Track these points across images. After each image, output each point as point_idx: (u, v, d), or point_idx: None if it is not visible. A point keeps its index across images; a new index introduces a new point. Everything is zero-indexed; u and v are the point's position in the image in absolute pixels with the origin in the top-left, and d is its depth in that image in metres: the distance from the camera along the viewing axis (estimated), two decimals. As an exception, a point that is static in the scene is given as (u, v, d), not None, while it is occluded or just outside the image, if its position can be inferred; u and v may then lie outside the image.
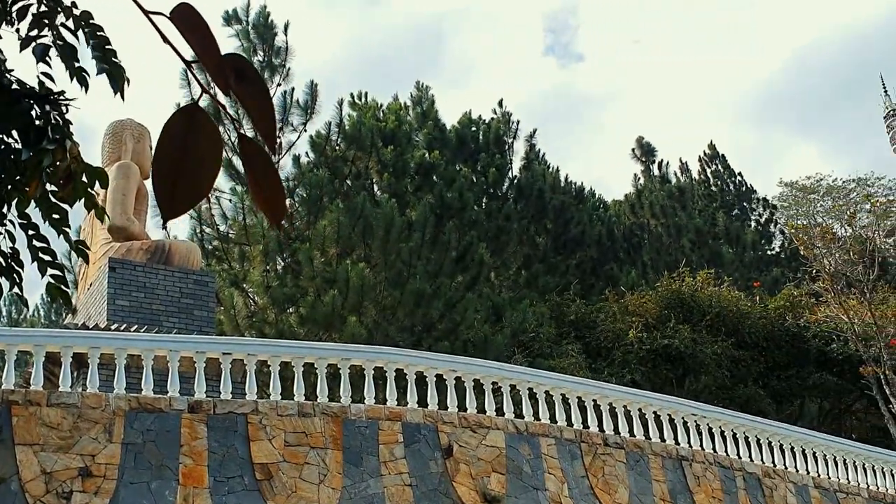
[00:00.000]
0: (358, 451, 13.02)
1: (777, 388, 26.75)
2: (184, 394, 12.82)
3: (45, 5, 3.48)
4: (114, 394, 12.26)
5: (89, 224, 18.59)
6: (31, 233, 3.74)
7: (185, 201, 1.75)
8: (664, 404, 16.14)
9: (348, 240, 23.93)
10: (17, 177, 3.47)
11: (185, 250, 18.06)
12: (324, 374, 13.85)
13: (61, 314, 32.38)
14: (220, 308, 22.78)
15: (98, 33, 3.49)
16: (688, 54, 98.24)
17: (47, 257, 3.78)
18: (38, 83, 3.49)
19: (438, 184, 27.98)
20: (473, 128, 32.28)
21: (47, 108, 3.46)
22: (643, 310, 25.96)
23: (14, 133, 3.43)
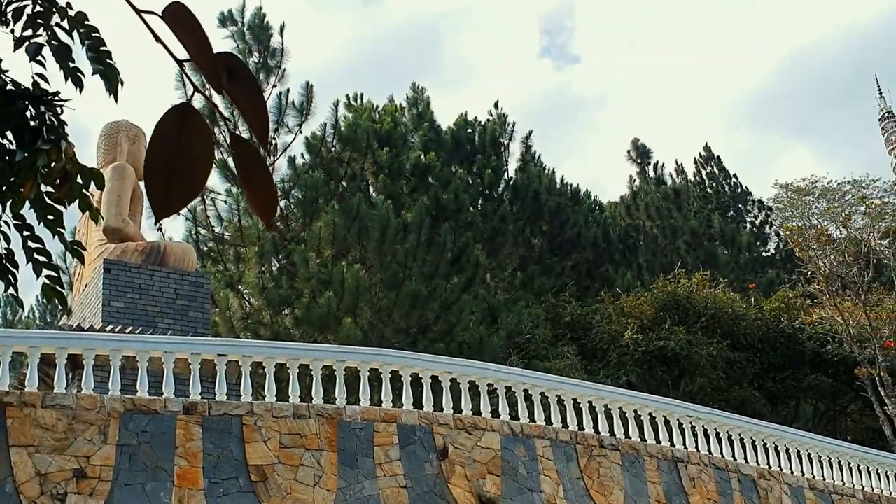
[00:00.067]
0: (353, 453, 13.01)
1: (772, 389, 26.79)
2: (179, 395, 12.80)
3: (41, 6, 3.47)
4: (109, 395, 12.24)
5: (84, 225, 18.55)
6: (26, 234, 3.73)
7: (178, 201, 1.75)
8: (659, 406, 16.15)
9: (344, 241, 23.91)
10: (11, 177, 3.46)
11: (180, 252, 18.04)
12: (319, 375, 13.84)
13: (56, 315, 32.34)
14: (215, 309, 22.75)
15: (93, 34, 3.49)
16: (683, 55, 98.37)
17: (42, 258, 3.77)
18: (32, 84, 3.49)
19: (434, 185, 27.99)
20: (469, 129, 32.27)
21: (42, 108, 3.45)
22: (639, 311, 25.99)
23: (9, 134, 3.43)
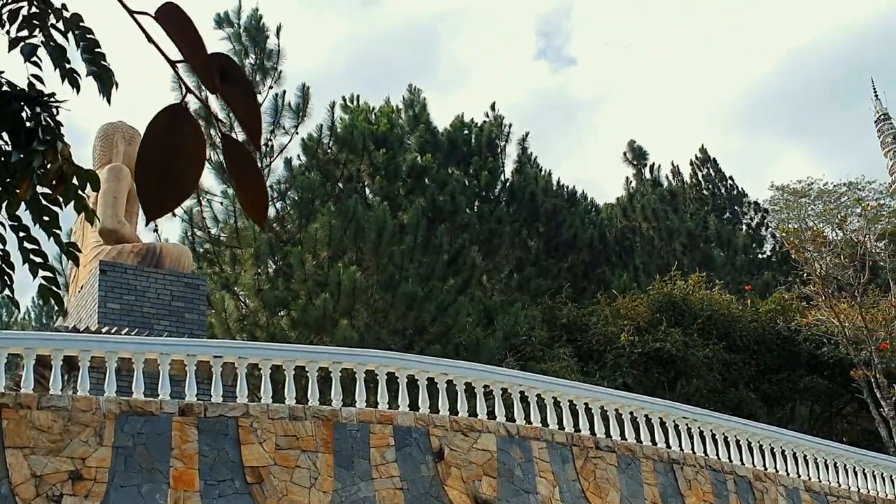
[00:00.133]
0: (349, 455, 13.01)
1: (768, 391, 26.81)
2: (174, 397, 12.80)
3: (37, 7, 3.47)
4: (104, 397, 12.24)
5: (80, 227, 18.53)
6: (21, 234, 3.73)
7: (169, 201, 1.75)
8: (655, 407, 16.16)
9: (340, 243, 23.91)
10: (7, 179, 3.46)
11: (176, 253, 18.03)
12: (315, 377, 13.83)
13: (52, 317, 32.33)
14: (211, 311, 22.74)
15: (88, 35, 3.48)
16: (680, 57, 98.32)
17: (39, 259, 3.77)
18: (28, 85, 3.49)
19: (430, 187, 27.98)
20: (466, 131, 32.24)
21: (38, 109, 3.45)
22: (635, 313, 26.00)
23: (4, 135, 3.42)
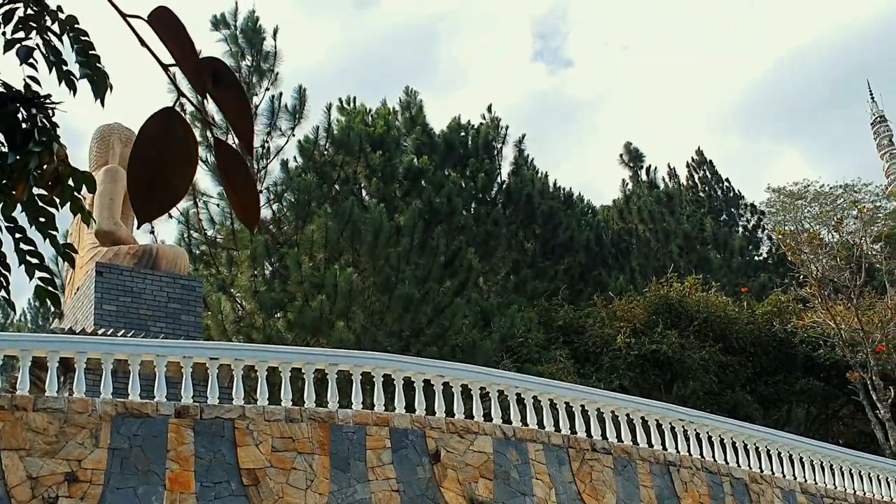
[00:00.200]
0: (345, 457, 13.01)
1: (764, 393, 26.82)
2: (170, 399, 12.79)
3: (32, 9, 3.47)
4: (100, 399, 12.22)
5: (76, 228, 18.52)
6: (17, 236, 3.72)
7: (161, 204, 1.76)
8: (652, 410, 16.17)
9: (336, 244, 23.91)
10: (3, 180, 3.46)
11: (172, 255, 18.02)
12: (311, 379, 13.83)
13: (48, 318, 32.29)
14: (207, 313, 22.73)
15: (82, 38, 3.48)
16: (679, 57, 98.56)
17: (35, 260, 3.77)
18: (24, 86, 3.49)
19: (427, 189, 27.98)
20: (462, 133, 32.24)
21: (34, 111, 3.45)
22: (631, 315, 26.00)
23: (0, 136, 3.42)
